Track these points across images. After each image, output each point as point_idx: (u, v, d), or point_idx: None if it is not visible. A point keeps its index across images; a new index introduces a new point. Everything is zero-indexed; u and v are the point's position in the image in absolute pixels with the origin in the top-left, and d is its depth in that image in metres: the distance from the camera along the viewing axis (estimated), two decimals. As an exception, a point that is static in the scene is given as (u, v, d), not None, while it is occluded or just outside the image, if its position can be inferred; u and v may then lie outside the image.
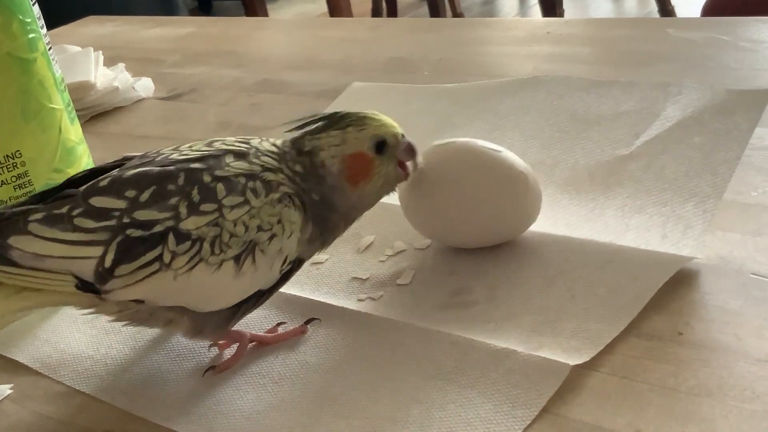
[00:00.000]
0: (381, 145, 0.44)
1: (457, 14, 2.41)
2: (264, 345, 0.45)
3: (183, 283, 0.40)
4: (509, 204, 0.47)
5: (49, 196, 0.42)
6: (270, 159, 0.42)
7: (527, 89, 0.63)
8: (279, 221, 0.41)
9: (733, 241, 0.46)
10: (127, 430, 0.41)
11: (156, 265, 0.39)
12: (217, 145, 0.43)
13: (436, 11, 2.27)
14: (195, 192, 0.40)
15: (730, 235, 0.46)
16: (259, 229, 0.40)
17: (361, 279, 0.48)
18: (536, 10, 2.37)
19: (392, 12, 2.45)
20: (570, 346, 0.40)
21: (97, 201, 0.40)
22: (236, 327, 0.44)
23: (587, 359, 0.39)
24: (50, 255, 0.39)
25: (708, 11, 1.39)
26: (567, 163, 0.54)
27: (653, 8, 2.23)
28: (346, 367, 0.42)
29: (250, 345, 0.44)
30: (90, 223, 0.40)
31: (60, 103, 0.55)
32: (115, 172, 0.42)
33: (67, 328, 0.49)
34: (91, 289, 0.40)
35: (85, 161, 0.58)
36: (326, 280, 0.49)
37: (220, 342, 0.45)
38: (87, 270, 0.39)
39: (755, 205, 0.48)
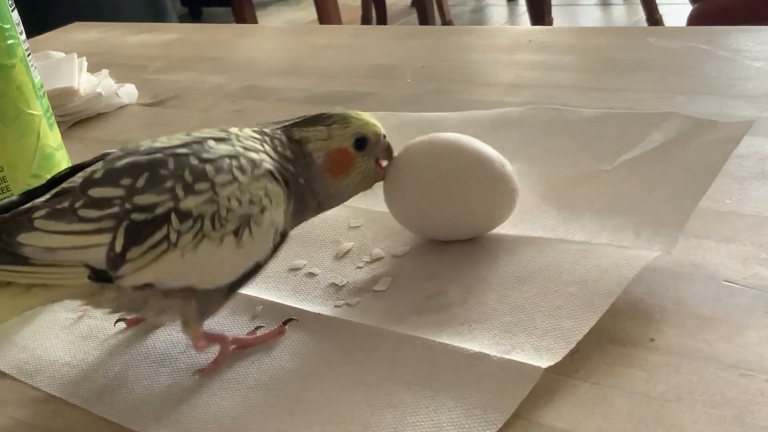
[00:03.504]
0: (362, 142, 0.47)
1: (446, 22, 2.42)
2: (244, 347, 0.45)
3: (190, 260, 0.41)
4: (486, 195, 0.48)
5: (34, 196, 0.42)
6: (251, 142, 0.44)
7: (515, 120, 0.63)
8: (266, 194, 0.43)
9: (707, 248, 0.46)
10: (102, 435, 0.41)
11: (164, 245, 0.40)
12: (195, 134, 0.44)
13: (425, 19, 2.28)
14: (187, 173, 0.41)
15: (704, 242, 0.47)
16: (251, 202, 0.42)
17: (338, 285, 0.49)
18: (525, 18, 2.38)
19: (382, 19, 2.46)
20: (542, 345, 0.40)
21: (96, 192, 0.41)
22: (215, 330, 0.45)
23: (559, 359, 0.39)
24: (62, 247, 0.40)
25: (693, 21, 1.41)
26: (549, 174, 0.55)
27: (641, 17, 2.25)
28: (321, 372, 0.42)
29: (231, 348, 0.45)
30: (94, 213, 0.40)
31: (39, 108, 0.55)
32: (100, 164, 0.43)
33: (44, 334, 0.49)
34: (103, 278, 0.41)
35: (63, 167, 0.58)
36: (303, 286, 0.49)
37: (199, 344, 0.45)
38: (99, 257, 0.40)
39: (729, 213, 0.49)
